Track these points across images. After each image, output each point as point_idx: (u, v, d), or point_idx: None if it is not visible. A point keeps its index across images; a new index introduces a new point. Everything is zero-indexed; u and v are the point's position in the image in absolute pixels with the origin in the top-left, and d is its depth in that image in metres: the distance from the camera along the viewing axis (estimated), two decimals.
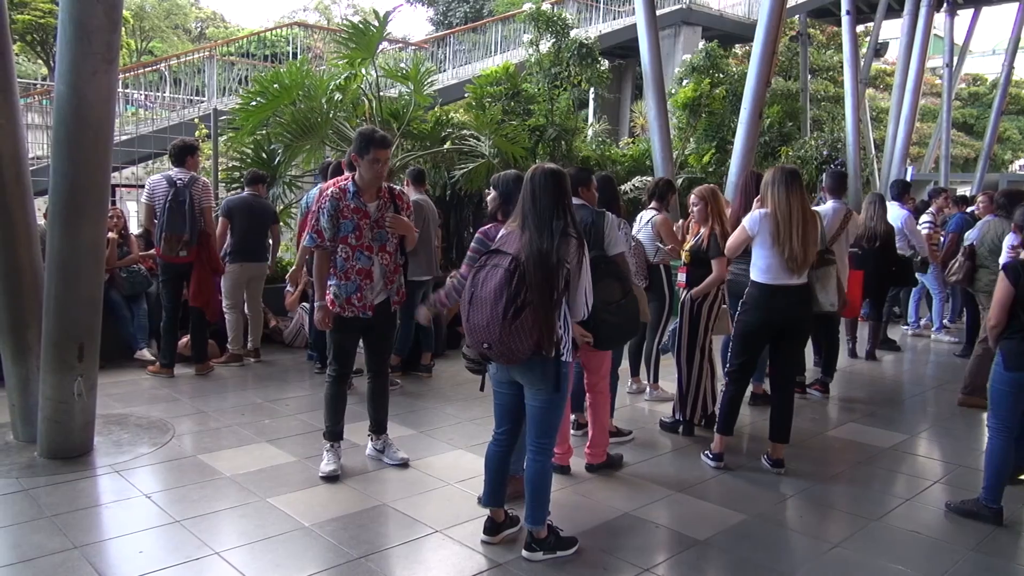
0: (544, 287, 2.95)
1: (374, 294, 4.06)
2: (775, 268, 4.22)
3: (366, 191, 4.00)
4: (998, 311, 3.67)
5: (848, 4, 16.08)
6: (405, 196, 4.19)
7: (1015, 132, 36.49)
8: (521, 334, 2.93)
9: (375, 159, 3.89)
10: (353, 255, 4.00)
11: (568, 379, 3.21)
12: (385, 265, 4.08)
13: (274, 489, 3.90)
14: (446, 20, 26.36)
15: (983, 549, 3.51)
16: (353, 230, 3.98)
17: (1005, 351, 3.69)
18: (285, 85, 7.52)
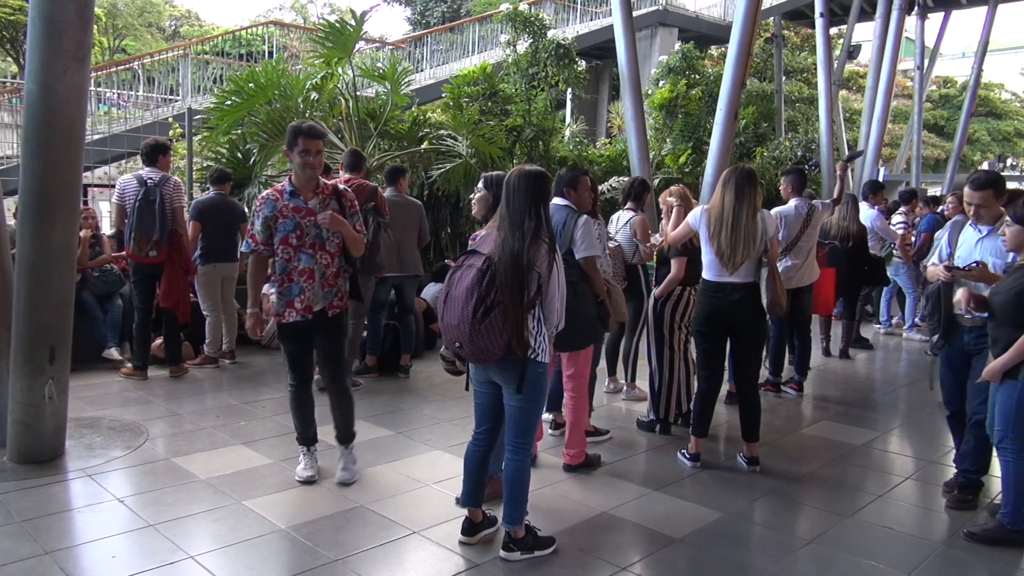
0: (514, 288, 2.96)
1: (316, 297, 3.85)
2: (715, 264, 4.30)
3: (303, 188, 3.81)
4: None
5: (822, 7, 16.27)
6: (349, 194, 3.98)
7: (984, 133, 37.16)
8: (491, 334, 2.96)
9: (304, 150, 3.69)
10: (295, 255, 3.82)
11: (544, 380, 3.23)
12: (325, 266, 3.86)
13: (249, 492, 3.87)
14: (423, 20, 26.30)
15: (953, 544, 3.57)
16: (294, 229, 3.79)
17: None
18: (261, 84, 7.46)
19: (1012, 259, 3.69)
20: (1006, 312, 3.44)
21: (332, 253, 3.88)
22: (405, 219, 6.31)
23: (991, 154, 38.21)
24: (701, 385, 4.50)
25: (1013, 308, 3.40)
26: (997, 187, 3.86)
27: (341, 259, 3.94)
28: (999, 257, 3.78)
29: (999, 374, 3.46)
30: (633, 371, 5.88)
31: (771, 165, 14.20)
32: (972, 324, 3.82)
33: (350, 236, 3.90)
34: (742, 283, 4.28)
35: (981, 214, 3.87)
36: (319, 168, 3.81)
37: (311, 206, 3.80)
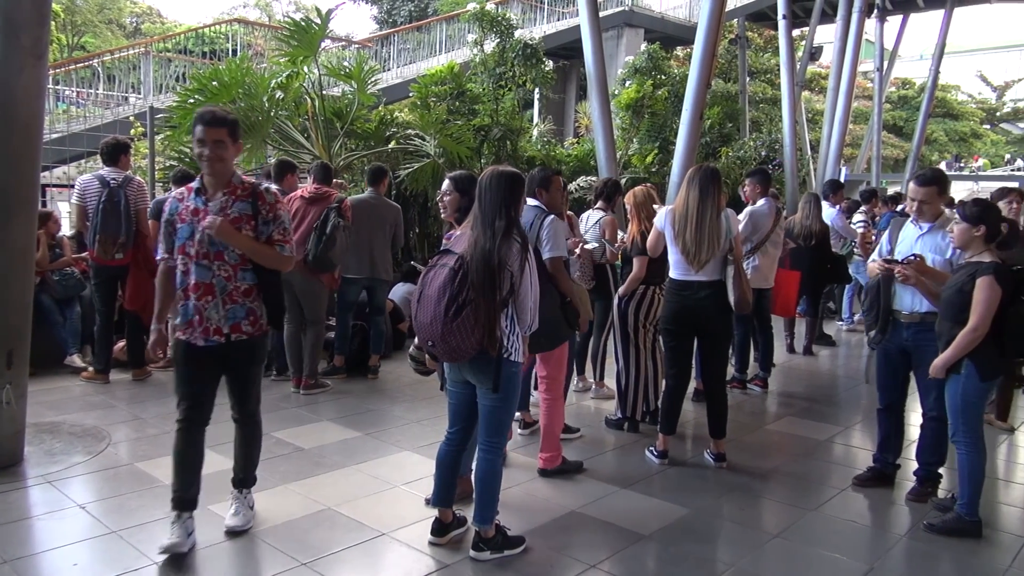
0: (485, 287, 2.97)
1: (218, 315, 3.24)
2: (680, 263, 4.36)
3: (212, 187, 3.25)
4: (987, 316, 3.43)
5: (784, 8, 16.52)
6: (269, 195, 3.32)
7: (941, 134, 38.03)
8: (462, 333, 2.96)
9: (199, 139, 3.13)
10: (192, 267, 3.22)
11: (518, 380, 3.23)
12: (225, 280, 3.23)
13: (215, 496, 3.80)
14: (390, 19, 26.15)
15: (914, 536, 3.66)
16: (190, 235, 3.22)
17: (980, 361, 3.52)
18: (224, 83, 7.36)
19: (952, 255, 3.81)
20: (949, 308, 3.55)
21: (234, 265, 3.23)
22: (381, 221, 6.29)
23: (948, 154, 39.12)
24: (669, 383, 4.55)
25: (955, 305, 3.50)
26: (940, 185, 3.96)
27: (252, 274, 3.29)
28: (938, 253, 3.87)
29: (943, 370, 3.58)
30: (601, 370, 5.92)
31: (736, 165, 14.36)
32: (910, 320, 3.92)
33: (251, 250, 3.24)
34: (708, 281, 4.33)
35: (923, 210, 3.94)
36: (218, 163, 3.19)
37: (211, 208, 3.22)
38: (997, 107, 43.21)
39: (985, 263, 3.48)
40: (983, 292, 3.41)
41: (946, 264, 3.85)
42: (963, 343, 3.47)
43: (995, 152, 41.09)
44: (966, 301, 3.45)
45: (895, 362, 4.09)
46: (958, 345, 3.48)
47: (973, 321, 3.43)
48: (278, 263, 3.34)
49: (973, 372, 3.52)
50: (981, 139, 40.49)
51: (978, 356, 3.48)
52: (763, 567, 3.33)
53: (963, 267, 3.60)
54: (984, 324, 3.42)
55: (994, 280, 3.41)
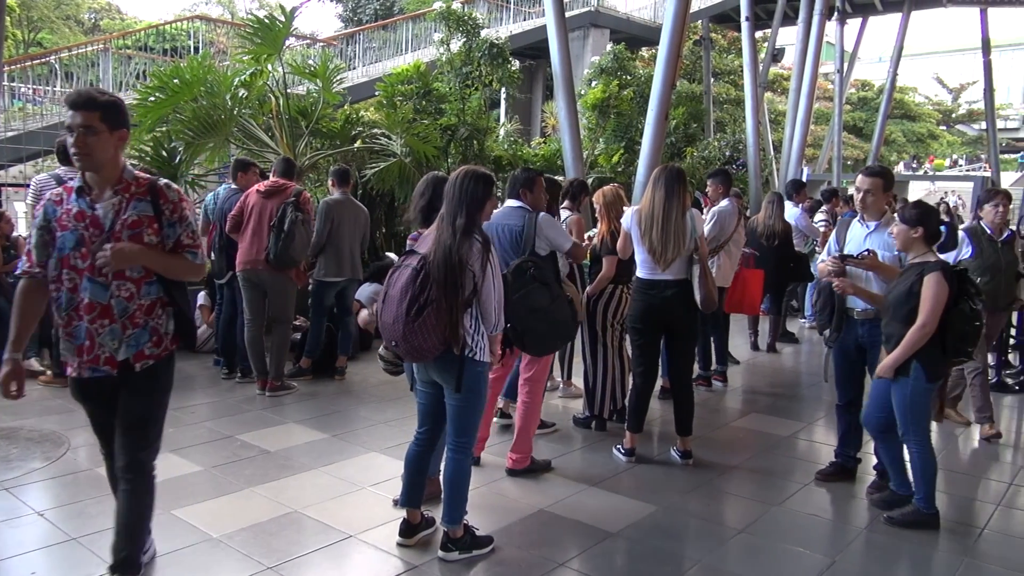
0: (447, 286, 2.97)
1: (115, 342, 2.69)
2: (647, 262, 4.40)
3: (95, 184, 2.67)
4: (936, 313, 3.48)
5: (747, 11, 16.73)
6: (171, 192, 2.77)
7: (900, 135, 38.85)
8: (423, 332, 2.97)
9: (69, 126, 2.56)
10: (83, 284, 2.65)
11: (483, 380, 3.23)
12: (126, 299, 2.68)
13: (179, 500, 3.76)
14: (355, 17, 25.96)
15: (874, 528, 3.73)
16: (76, 246, 2.64)
17: (926, 362, 3.56)
18: (186, 80, 7.24)
19: (896, 252, 3.90)
20: (899, 309, 3.59)
21: (136, 280, 2.69)
22: (355, 222, 6.26)
23: (906, 155, 39.99)
24: (636, 381, 4.58)
25: (905, 305, 3.55)
26: (886, 179, 4.05)
27: (156, 286, 2.75)
28: (887, 250, 3.94)
29: (891, 370, 3.62)
30: (569, 369, 5.95)
31: (701, 165, 14.51)
32: (864, 317, 3.98)
33: (164, 266, 2.73)
34: (674, 280, 4.37)
35: (867, 201, 4.01)
36: (85, 156, 2.59)
37: (98, 212, 2.65)
38: (953, 109, 44.28)
39: (931, 262, 3.56)
40: (931, 289, 3.47)
41: (895, 260, 3.92)
42: (912, 340, 3.51)
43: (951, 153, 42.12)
44: (916, 302, 3.50)
45: (852, 359, 4.15)
46: (907, 343, 3.52)
47: (922, 318, 3.48)
48: (190, 273, 2.81)
49: (921, 374, 3.57)
50: (938, 140, 41.45)
51: (924, 357, 3.54)
52: (728, 562, 3.37)
53: (910, 268, 3.65)
54: (933, 321, 3.47)
55: (942, 277, 3.47)
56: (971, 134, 43.90)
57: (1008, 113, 45.14)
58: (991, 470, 4.65)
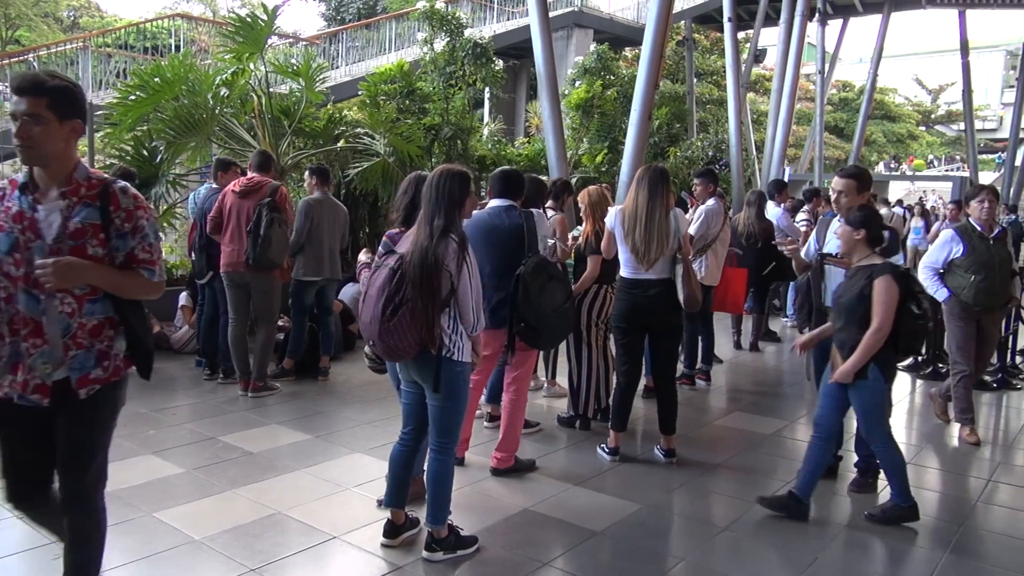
0: (422, 285, 2.98)
1: (47, 366, 2.32)
2: (630, 262, 4.43)
3: (42, 182, 2.34)
4: (890, 315, 3.52)
5: (730, 11, 16.84)
6: (126, 197, 2.37)
7: (880, 135, 39.27)
8: (398, 332, 2.98)
9: (11, 113, 2.28)
10: (16, 293, 2.31)
11: (463, 380, 3.22)
12: (68, 316, 2.33)
13: (161, 503, 3.73)
14: (338, 16, 25.85)
15: (856, 525, 3.77)
16: (9, 250, 2.30)
17: (883, 363, 3.61)
18: (167, 79, 7.18)
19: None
20: (852, 314, 3.61)
21: (79, 296, 2.34)
22: (335, 221, 6.23)
23: (886, 155, 40.36)
24: (620, 380, 4.59)
25: (858, 310, 3.57)
26: (860, 180, 4.07)
27: (104, 304, 2.39)
28: None
29: (850, 375, 3.61)
30: (553, 368, 5.96)
31: (684, 165, 14.58)
32: None
33: (111, 284, 2.37)
34: (658, 279, 4.39)
35: (842, 202, 4.04)
36: (30, 147, 2.27)
37: (39, 215, 2.30)
38: (932, 109, 44.82)
39: (879, 264, 3.58)
40: (883, 293, 3.49)
41: None
42: (869, 344, 3.52)
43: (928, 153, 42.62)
44: (868, 306, 3.52)
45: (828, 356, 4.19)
46: (865, 347, 3.53)
47: (877, 322, 3.49)
48: (144, 292, 2.44)
49: (879, 375, 3.59)
50: (917, 140, 41.94)
51: (880, 359, 3.56)
52: (713, 560, 3.39)
53: (857, 272, 3.66)
54: (888, 323, 3.49)
55: (892, 280, 3.50)
56: (950, 135, 44.44)
57: (986, 114, 45.77)
58: (970, 467, 4.71)
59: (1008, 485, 4.40)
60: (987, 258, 4.99)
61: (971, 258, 4.98)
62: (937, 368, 6.97)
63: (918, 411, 6.09)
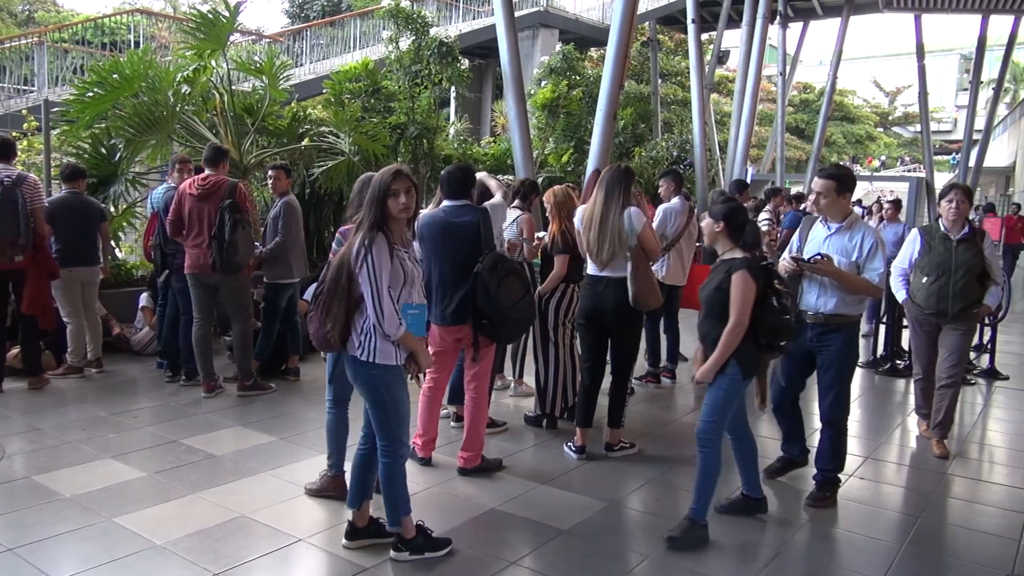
0: (333, 280, 3.07)
1: None
2: (590, 260, 4.52)
3: None
4: (746, 310, 3.41)
5: (693, 13, 17.03)
6: None
7: (840, 136, 40.02)
8: (315, 323, 3.14)
9: None
10: None
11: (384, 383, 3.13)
12: None
13: (121, 508, 3.66)
14: (302, 13, 25.59)
15: (818, 519, 3.84)
16: None
17: (742, 359, 3.46)
18: (126, 75, 7.04)
19: (858, 257, 3.83)
20: (712, 307, 3.52)
21: None
22: (301, 222, 6.16)
23: (846, 156, 41.14)
24: (584, 377, 4.64)
25: (717, 303, 3.48)
26: (839, 181, 3.90)
27: None
28: (844, 255, 3.86)
29: (711, 373, 3.48)
30: (521, 367, 5.97)
31: (649, 164, 14.72)
32: (814, 320, 3.92)
33: None
34: (614, 278, 4.45)
35: (821, 204, 3.91)
36: None
37: None
38: (889, 111, 45.82)
39: (737, 259, 3.48)
40: (739, 287, 3.40)
41: (852, 267, 3.84)
42: (728, 340, 3.42)
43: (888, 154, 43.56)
44: (726, 299, 3.43)
45: (798, 363, 4.08)
46: (724, 344, 3.42)
47: (734, 317, 3.40)
48: None
49: (737, 372, 3.48)
50: (875, 141, 42.82)
51: (740, 355, 3.45)
52: (677, 556, 3.42)
53: (719, 265, 3.59)
54: (745, 318, 3.40)
55: (748, 274, 3.40)
56: (907, 136, 45.45)
57: (941, 116, 46.85)
58: (927, 460, 4.82)
59: (963, 478, 4.52)
60: (942, 260, 4.74)
61: (926, 259, 4.82)
62: (895, 365, 7.14)
63: (876, 406, 6.23)
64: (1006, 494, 4.28)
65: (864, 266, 3.84)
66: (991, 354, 7.19)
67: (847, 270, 3.83)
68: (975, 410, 6.17)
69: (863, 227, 3.91)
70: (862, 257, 3.84)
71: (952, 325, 4.79)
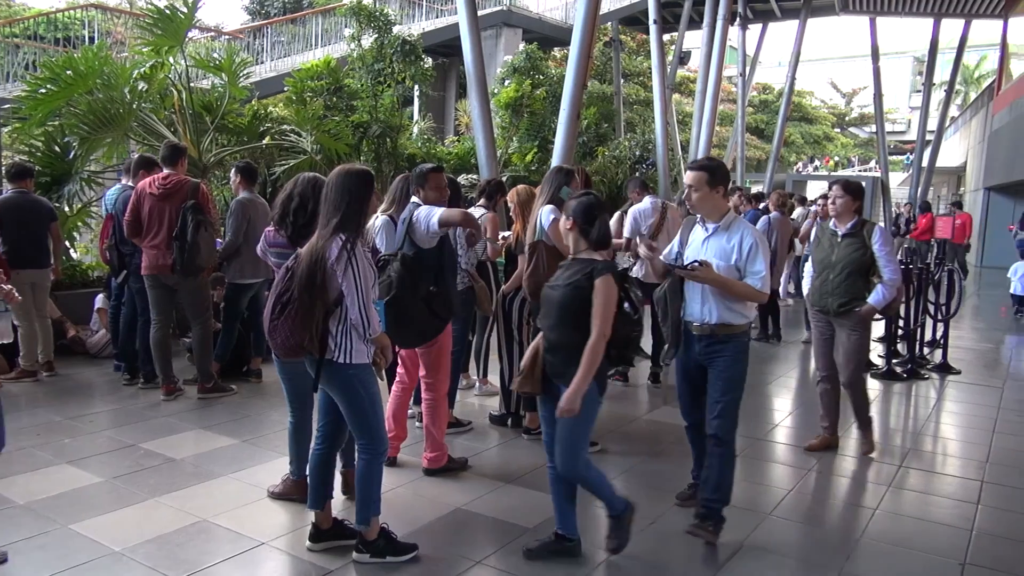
0: (307, 286, 2.97)
1: None
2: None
3: None
4: (608, 322, 3.01)
5: (655, 14, 17.20)
6: None
7: (798, 136, 40.74)
8: (284, 330, 3.03)
9: None
10: None
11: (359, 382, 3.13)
12: None
13: (78, 514, 3.58)
14: (263, 10, 25.24)
15: (783, 513, 3.90)
16: None
17: (599, 373, 3.08)
18: (80, 72, 6.89)
19: (737, 260, 3.41)
20: (567, 311, 3.10)
21: None
22: (264, 220, 6.06)
23: (804, 155, 41.91)
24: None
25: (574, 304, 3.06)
26: (711, 172, 3.48)
27: None
28: (723, 258, 3.43)
29: (578, 398, 3.01)
30: (485, 366, 5.97)
31: (612, 164, 14.82)
32: (700, 332, 3.53)
33: None
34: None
35: (692, 196, 3.51)
36: None
37: None
38: (846, 112, 46.78)
39: (601, 262, 3.10)
40: (603, 295, 3.00)
41: (733, 270, 3.42)
42: (592, 355, 3.00)
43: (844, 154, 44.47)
44: (581, 303, 3.03)
45: (693, 377, 3.68)
46: (589, 360, 3.00)
47: (598, 328, 2.99)
48: None
49: (594, 388, 3.08)
50: (833, 141, 43.68)
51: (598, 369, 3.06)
52: (640, 552, 3.45)
53: (572, 265, 3.20)
54: (608, 329, 3.00)
55: (612, 280, 3.03)
56: (863, 136, 46.44)
57: (895, 117, 48.00)
58: (883, 453, 4.92)
59: (917, 470, 4.63)
60: (823, 256, 4.73)
61: (814, 255, 4.84)
62: None
63: None
64: (959, 485, 4.40)
65: (745, 269, 3.43)
66: (944, 349, 7.39)
67: (727, 274, 3.42)
68: (929, 404, 6.33)
69: (742, 227, 3.49)
70: (742, 259, 3.42)
71: (840, 323, 4.70)
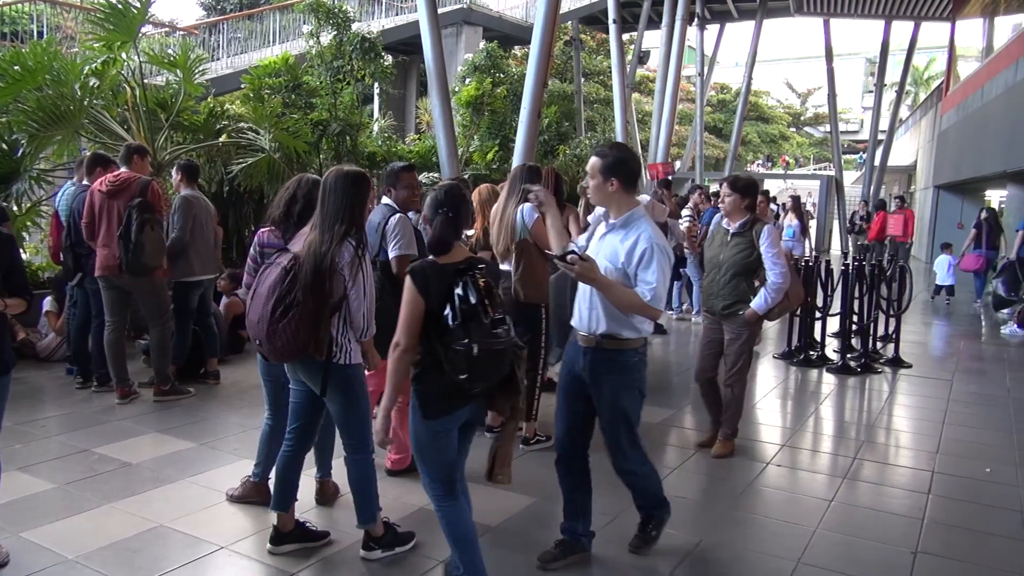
0: (315, 289, 2.91)
1: None
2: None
3: None
4: (410, 329, 2.67)
5: (614, 13, 17.32)
6: None
7: (755, 136, 41.40)
8: (286, 334, 2.92)
9: None
10: None
11: (356, 381, 3.17)
12: None
13: (29, 522, 3.48)
14: (219, 5, 24.79)
15: (741, 507, 3.97)
16: None
17: (420, 392, 2.73)
18: (28, 67, 6.70)
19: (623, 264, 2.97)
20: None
21: None
22: (209, 218, 5.98)
23: (761, 154, 42.62)
24: None
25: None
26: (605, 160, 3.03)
27: None
28: (611, 260, 3.01)
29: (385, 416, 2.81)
30: None
31: (573, 163, 14.88)
32: (586, 343, 3.12)
33: None
34: (508, 272, 4.62)
35: (589, 186, 3.15)
36: None
37: None
38: (801, 112, 47.64)
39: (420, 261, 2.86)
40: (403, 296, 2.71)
41: (620, 274, 2.98)
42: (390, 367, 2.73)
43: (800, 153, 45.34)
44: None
45: (574, 393, 3.22)
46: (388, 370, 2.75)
47: (396, 335, 2.71)
48: None
49: (415, 404, 2.75)
50: (788, 141, 44.47)
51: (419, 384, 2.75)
52: (603, 548, 3.48)
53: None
54: (406, 339, 2.68)
55: (412, 283, 2.68)
56: (817, 136, 47.35)
57: (849, 117, 49.02)
58: (838, 446, 5.04)
59: (871, 462, 4.75)
60: (712, 255, 4.65)
61: (706, 253, 4.79)
62: (808, 355, 7.43)
63: (790, 396, 6.47)
64: (911, 476, 4.52)
65: (635, 276, 2.96)
66: (895, 343, 7.58)
67: (616, 278, 2.98)
68: (882, 397, 6.49)
69: (640, 228, 3.00)
70: (631, 265, 2.95)
71: (726, 325, 4.57)
